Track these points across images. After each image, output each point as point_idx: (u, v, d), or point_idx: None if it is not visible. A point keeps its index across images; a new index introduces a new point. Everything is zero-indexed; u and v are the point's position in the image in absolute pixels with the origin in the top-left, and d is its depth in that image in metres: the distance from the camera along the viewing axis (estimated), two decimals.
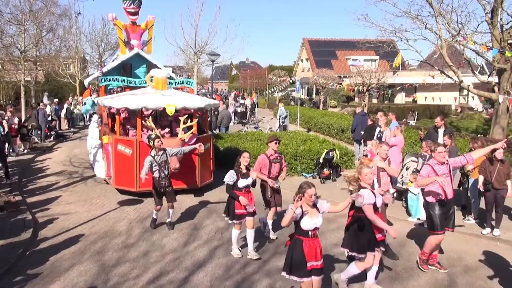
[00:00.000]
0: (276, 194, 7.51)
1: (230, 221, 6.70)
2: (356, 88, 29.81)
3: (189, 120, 9.98)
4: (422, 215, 8.10)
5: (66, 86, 31.97)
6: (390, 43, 19.24)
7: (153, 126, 9.48)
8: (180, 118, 9.72)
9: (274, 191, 7.44)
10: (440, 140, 9.61)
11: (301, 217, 4.72)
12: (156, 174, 7.76)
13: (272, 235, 7.50)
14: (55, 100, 22.99)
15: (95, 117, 14.26)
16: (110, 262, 6.53)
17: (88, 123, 27.75)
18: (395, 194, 9.69)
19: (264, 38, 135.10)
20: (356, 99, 37.13)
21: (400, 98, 38.72)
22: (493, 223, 7.81)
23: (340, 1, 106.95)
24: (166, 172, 7.86)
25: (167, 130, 10.14)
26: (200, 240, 7.48)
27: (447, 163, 6.26)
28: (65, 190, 10.74)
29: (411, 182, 8.71)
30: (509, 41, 15.62)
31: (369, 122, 13.25)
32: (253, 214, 6.72)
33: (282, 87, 44.77)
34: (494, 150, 7.61)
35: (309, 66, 47.16)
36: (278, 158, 7.47)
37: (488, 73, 19.72)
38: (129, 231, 7.90)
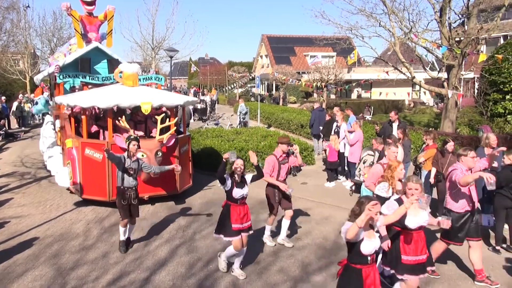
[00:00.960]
0: (285, 200, 7.03)
1: (225, 239, 5.90)
2: (314, 84, 30.33)
3: (167, 120, 9.06)
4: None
5: (16, 83, 30.49)
6: (347, 40, 19.71)
7: (128, 126, 8.62)
8: (156, 117, 8.89)
9: (282, 196, 6.96)
10: (395, 133, 9.98)
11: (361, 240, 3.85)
12: (119, 182, 6.73)
13: (270, 242, 7.11)
14: (3, 98, 21.82)
15: (49, 117, 13.33)
16: (67, 265, 6.31)
17: (41, 121, 26.74)
18: (353, 187, 10.01)
19: (223, 34, 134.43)
20: (315, 95, 37.82)
21: (356, 94, 39.80)
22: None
23: None
24: (134, 182, 6.83)
25: (141, 133, 9.53)
26: (161, 239, 7.37)
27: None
28: (17, 192, 10.26)
29: (366, 174, 9.00)
30: (456, 39, 16.44)
31: (327, 118, 13.54)
32: (249, 229, 6.04)
33: (242, 83, 44.83)
34: (446, 143, 8.02)
35: (269, 62, 47.47)
36: (286, 158, 6.99)
37: (438, 69, 20.67)
38: (86, 232, 7.67)
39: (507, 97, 17.79)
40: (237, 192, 5.79)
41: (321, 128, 13.78)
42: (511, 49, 17.79)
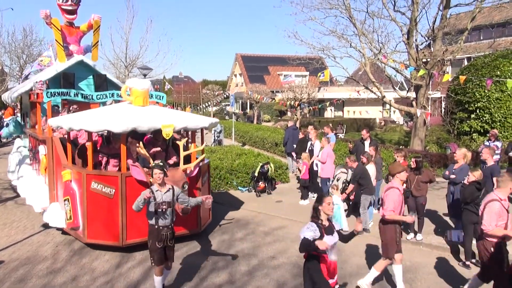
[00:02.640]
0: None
1: None
2: (288, 103, 30.72)
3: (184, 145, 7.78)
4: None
5: None
6: (319, 59, 20.16)
7: (147, 154, 7.03)
8: (178, 142, 7.71)
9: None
10: (367, 151, 10.17)
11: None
12: (153, 221, 5.58)
13: None
14: None
15: (19, 142, 11.86)
16: None
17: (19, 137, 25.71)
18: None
19: (197, 53, 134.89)
20: (289, 114, 38.26)
21: (330, 112, 40.52)
22: (416, 228, 8.38)
23: (271, 18, 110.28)
24: (170, 219, 5.67)
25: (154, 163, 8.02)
26: (133, 260, 7.19)
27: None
28: None
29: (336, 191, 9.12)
30: (423, 60, 17.08)
31: (300, 136, 13.72)
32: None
33: (216, 102, 44.89)
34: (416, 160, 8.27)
35: (243, 81, 47.86)
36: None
37: (407, 89, 21.35)
38: (55, 255, 7.40)
39: (472, 116, 18.49)
40: (329, 240, 4.48)
41: (294, 146, 13.93)
42: (474, 70, 18.61)
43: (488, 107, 17.81)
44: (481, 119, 18.13)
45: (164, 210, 5.55)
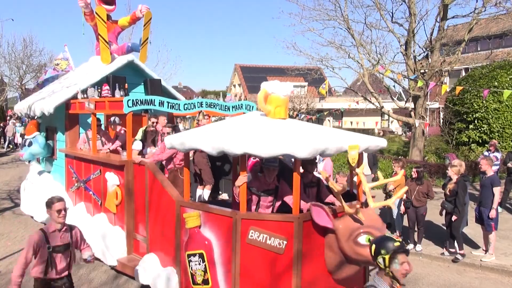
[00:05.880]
0: None
1: None
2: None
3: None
4: None
5: None
6: (318, 70, 20.27)
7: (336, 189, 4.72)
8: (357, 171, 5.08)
9: None
10: (365, 161, 10.19)
11: None
12: None
13: None
14: None
15: (36, 166, 9.71)
16: None
17: (15, 148, 25.58)
18: None
19: (196, 63, 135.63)
20: None
21: (328, 123, 40.62)
22: (416, 239, 8.35)
23: (270, 29, 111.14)
24: None
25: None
26: None
27: None
28: None
29: None
30: (421, 71, 17.19)
31: None
32: None
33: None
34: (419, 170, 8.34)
35: (242, 92, 48.05)
36: None
37: (405, 99, 21.44)
38: None
39: (471, 126, 18.56)
40: None
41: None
42: (472, 81, 18.72)
43: (486, 117, 17.89)
44: (479, 129, 18.19)
45: None
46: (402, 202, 8.35)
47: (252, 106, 8.28)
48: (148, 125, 7.68)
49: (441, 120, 22.95)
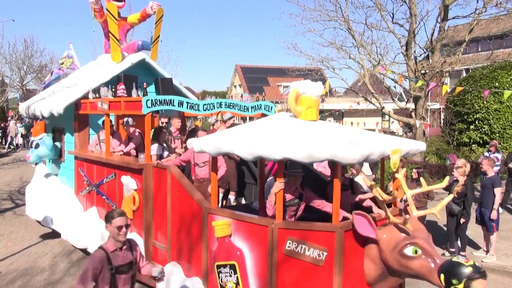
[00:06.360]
0: None
1: None
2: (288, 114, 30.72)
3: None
4: None
5: None
6: (318, 71, 20.24)
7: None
8: (397, 175, 4.68)
9: None
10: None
11: None
12: None
13: None
14: None
15: (43, 168, 9.28)
16: None
17: (16, 148, 25.53)
18: None
19: (197, 64, 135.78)
20: None
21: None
22: None
23: (271, 30, 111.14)
24: None
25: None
26: None
27: None
28: None
29: None
30: (422, 71, 17.18)
31: None
32: None
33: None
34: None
35: (242, 92, 48.07)
36: None
37: (406, 100, 21.43)
38: (53, 266, 7.35)
39: (471, 127, 18.55)
40: None
41: None
42: (473, 82, 18.72)
43: (487, 118, 17.88)
44: (480, 130, 18.19)
45: None
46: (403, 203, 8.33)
47: (271, 107, 7.99)
48: (160, 126, 7.46)
49: (442, 121, 22.94)
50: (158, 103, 6.27)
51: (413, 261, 4.00)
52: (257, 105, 7.69)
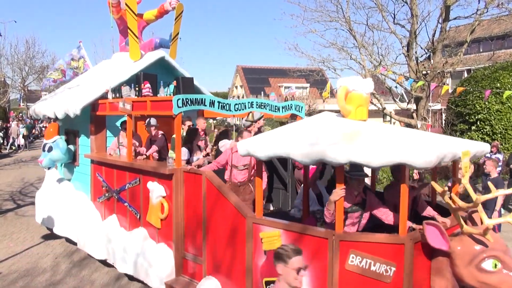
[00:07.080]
0: None
1: None
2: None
3: None
4: None
5: None
6: (319, 71, 20.25)
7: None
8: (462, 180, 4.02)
9: None
10: None
11: None
12: None
13: None
14: None
15: (54, 173, 8.81)
16: None
17: (17, 149, 25.60)
18: None
19: (198, 64, 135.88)
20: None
21: None
22: None
23: (272, 31, 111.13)
24: None
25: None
26: None
27: None
28: None
29: None
30: (423, 72, 17.17)
31: None
32: None
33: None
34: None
35: (244, 93, 48.08)
36: None
37: (407, 101, 21.41)
38: (54, 267, 7.35)
39: (473, 128, 18.51)
40: None
41: None
42: (474, 82, 18.69)
43: (488, 119, 17.85)
44: (482, 131, 18.15)
45: None
46: None
47: (302, 107, 7.70)
48: (195, 127, 7.17)
49: (443, 122, 22.90)
50: (189, 102, 5.89)
51: (492, 276, 3.61)
52: (288, 105, 7.45)
